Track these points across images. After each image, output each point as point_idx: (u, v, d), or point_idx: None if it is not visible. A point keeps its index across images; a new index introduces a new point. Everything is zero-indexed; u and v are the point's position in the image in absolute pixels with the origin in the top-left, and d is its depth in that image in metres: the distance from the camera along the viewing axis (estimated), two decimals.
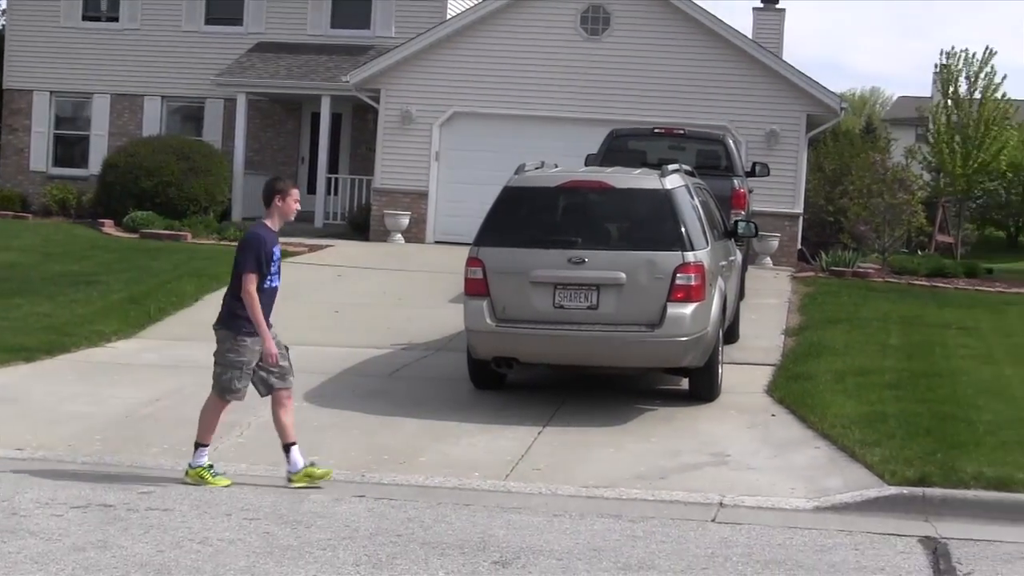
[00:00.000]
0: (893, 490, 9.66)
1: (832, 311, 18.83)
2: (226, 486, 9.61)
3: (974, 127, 33.89)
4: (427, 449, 11.00)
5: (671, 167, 13.22)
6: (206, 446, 9.81)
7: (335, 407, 12.46)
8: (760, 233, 20.17)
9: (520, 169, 13.18)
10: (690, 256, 12.01)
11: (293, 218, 10.23)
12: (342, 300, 18.89)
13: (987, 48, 35.00)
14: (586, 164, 19.51)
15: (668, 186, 12.55)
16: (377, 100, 27.90)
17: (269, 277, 9.80)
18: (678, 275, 11.91)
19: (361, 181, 29.80)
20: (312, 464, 9.82)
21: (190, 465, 9.76)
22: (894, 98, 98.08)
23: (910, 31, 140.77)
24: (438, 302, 18.30)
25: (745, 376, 14.08)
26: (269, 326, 9.75)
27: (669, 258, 11.99)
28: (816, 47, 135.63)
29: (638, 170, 14.30)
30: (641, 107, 26.15)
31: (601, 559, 7.92)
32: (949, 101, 34.88)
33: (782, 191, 26.23)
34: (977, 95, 34.57)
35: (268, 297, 9.84)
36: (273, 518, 8.68)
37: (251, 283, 9.61)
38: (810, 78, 26.69)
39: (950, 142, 34.29)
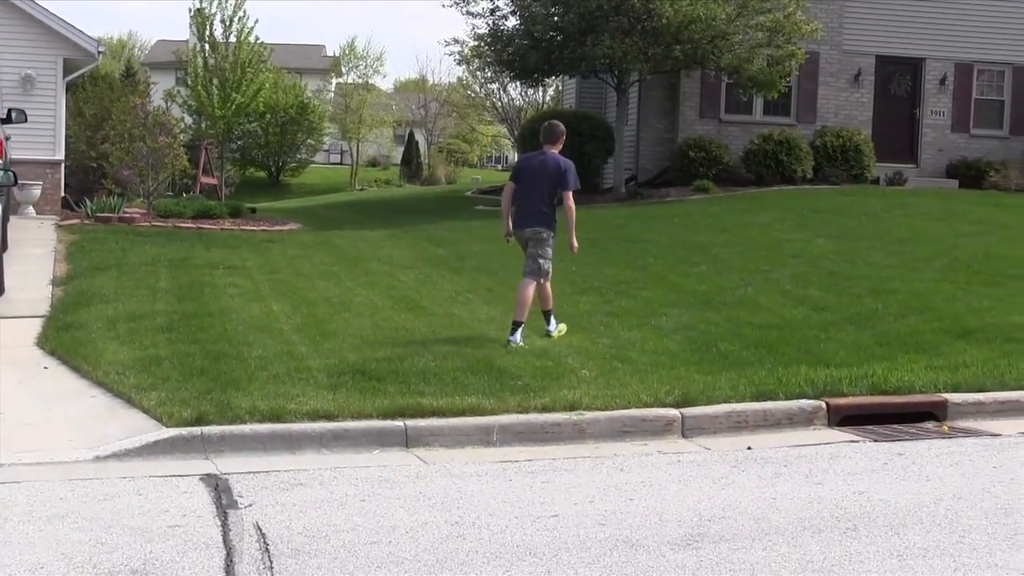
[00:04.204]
0: (172, 432, 9.74)
1: (100, 258, 18.68)
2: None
3: (231, 70, 34.53)
4: None
5: None
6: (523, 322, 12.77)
7: None
8: (21, 182, 19.62)
9: None
10: None
11: None
12: None
13: None
14: None
15: None
16: None
17: None
18: None
19: None
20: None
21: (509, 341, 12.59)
22: (153, 42, 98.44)
23: None
24: None
25: (14, 330, 13.67)
26: None
27: None
28: None
29: None
30: None
31: None
32: (206, 45, 35.29)
33: (42, 138, 25.66)
34: (233, 39, 35.21)
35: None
36: None
37: (572, 197, 12.82)
38: (65, 21, 26.23)
39: (208, 85, 34.76)
